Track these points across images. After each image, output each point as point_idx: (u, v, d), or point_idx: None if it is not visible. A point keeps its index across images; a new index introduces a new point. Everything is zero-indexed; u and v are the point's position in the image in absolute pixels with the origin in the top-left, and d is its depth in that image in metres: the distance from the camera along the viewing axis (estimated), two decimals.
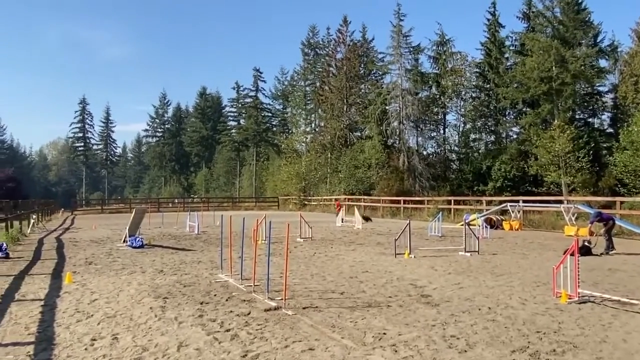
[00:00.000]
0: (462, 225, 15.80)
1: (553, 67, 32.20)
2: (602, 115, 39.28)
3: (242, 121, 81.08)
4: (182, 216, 26.39)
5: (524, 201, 23.10)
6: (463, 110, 44.35)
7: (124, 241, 14.55)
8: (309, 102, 61.19)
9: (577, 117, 37.66)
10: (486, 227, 17.61)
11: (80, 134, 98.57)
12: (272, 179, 59.93)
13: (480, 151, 43.23)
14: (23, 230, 19.97)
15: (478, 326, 5.65)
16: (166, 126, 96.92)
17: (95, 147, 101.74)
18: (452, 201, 29.23)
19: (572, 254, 7.00)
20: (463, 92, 43.96)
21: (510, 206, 22.38)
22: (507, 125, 41.71)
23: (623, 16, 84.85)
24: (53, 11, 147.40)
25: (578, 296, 6.95)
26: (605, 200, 23.01)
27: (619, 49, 36.80)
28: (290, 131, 68.68)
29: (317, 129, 60.08)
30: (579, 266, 7.10)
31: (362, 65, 51.88)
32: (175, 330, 5.52)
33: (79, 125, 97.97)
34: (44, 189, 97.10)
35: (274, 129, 78.01)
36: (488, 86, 41.85)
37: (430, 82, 43.84)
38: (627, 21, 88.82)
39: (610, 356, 4.66)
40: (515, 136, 41.40)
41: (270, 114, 79.90)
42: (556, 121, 31.59)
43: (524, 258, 11.78)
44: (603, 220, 13.01)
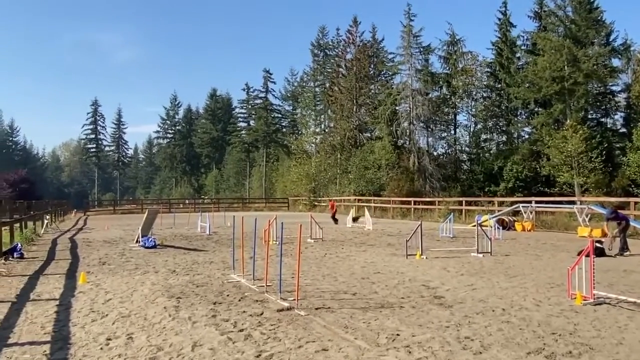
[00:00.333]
0: (474, 226, 15.73)
1: (565, 67, 31.91)
2: (615, 115, 38.88)
3: (252, 122, 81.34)
4: (194, 217, 26.54)
5: (537, 202, 22.87)
6: (474, 110, 44.12)
7: (137, 241, 14.66)
8: (319, 103, 61.24)
9: (590, 117, 37.30)
10: (498, 228, 17.49)
11: (92, 136, 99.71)
12: (282, 180, 60.06)
13: (491, 151, 42.97)
14: (37, 230, 20.24)
15: (492, 327, 5.61)
16: (177, 127, 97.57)
17: (107, 149, 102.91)
18: (463, 202, 29.11)
19: (587, 255, 6.93)
20: (474, 92, 43.76)
21: (522, 207, 22.21)
22: (519, 125, 41.37)
23: (636, 15, 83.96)
24: (67, 15, 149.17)
25: (593, 298, 6.87)
26: (619, 200, 22.70)
27: (632, 48, 36.45)
28: (300, 132, 68.77)
29: (327, 130, 60.09)
30: (594, 267, 7.02)
31: (372, 65, 51.80)
32: (189, 330, 5.55)
33: (91, 126, 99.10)
34: (57, 190, 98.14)
35: (284, 130, 78.18)
36: (499, 86, 41.58)
37: (440, 82, 43.66)
38: None
39: (627, 358, 4.61)
40: (527, 136, 41.10)
41: (280, 115, 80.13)
42: (568, 121, 31.31)
43: (538, 259, 11.68)
44: (618, 218, 12.82)
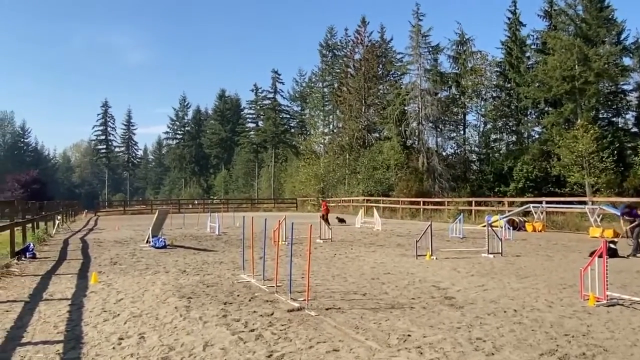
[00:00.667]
0: (484, 226, 15.64)
1: (576, 66, 31.64)
2: (627, 114, 38.56)
3: (261, 123, 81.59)
4: (203, 217, 26.64)
5: (547, 202, 22.70)
6: (483, 110, 43.88)
7: (147, 242, 14.75)
8: (327, 104, 61.25)
9: (601, 117, 36.99)
10: (509, 229, 17.38)
11: (102, 137, 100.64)
12: (291, 180, 60.14)
13: (501, 151, 42.72)
14: (48, 230, 20.42)
15: (504, 329, 5.57)
16: (186, 128, 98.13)
17: (117, 150, 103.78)
18: (473, 202, 28.94)
19: (600, 256, 6.86)
20: (483, 92, 43.53)
21: (533, 207, 22.04)
22: (529, 125, 41.11)
23: None
24: (78, 18, 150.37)
25: (606, 299, 6.80)
26: (630, 201, 22.41)
27: None
28: (308, 132, 68.84)
29: (335, 130, 60.09)
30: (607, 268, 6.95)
31: (381, 65, 51.73)
32: (200, 329, 5.57)
33: (102, 128, 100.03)
34: (68, 191, 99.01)
35: (292, 131, 78.31)
36: (509, 85, 41.35)
37: (449, 82, 43.49)
38: None
39: None
40: (537, 136, 40.86)
41: (288, 116, 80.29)
42: (579, 121, 31.05)
43: (549, 260, 11.58)
44: (631, 215, 12.55)
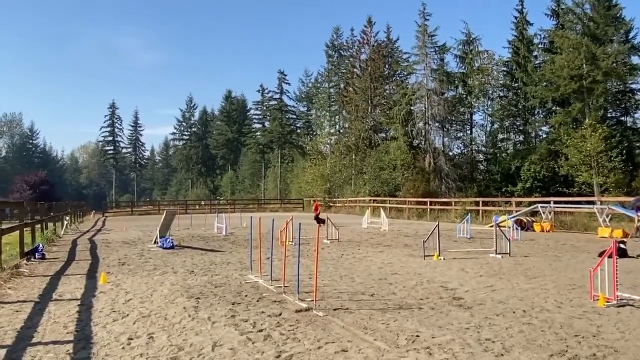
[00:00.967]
0: (492, 226, 15.57)
1: (583, 65, 31.44)
2: (635, 113, 38.21)
3: (267, 123, 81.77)
4: (210, 218, 26.73)
5: (555, 202, 22.57)
6: (490, 109, 43.71)
7: (155, 242, 14.81)
8: (333, 104, 61.24)
9: (609, 116, 36.71)
10: (517, 229, 17.29)
11: (110, 138, 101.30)
12: (297, 181, 60.23)
13: (508, 151, 42.52)
14: (57, 231, 20.57)
15: (513, 329, 5.55)
16: (193, 129, 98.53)
17: (124, 151, 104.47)
18: (480, 202, 28.82)
19: (610, 256, 6.81)
20: (490, 92, 43.33)
21: (541, 207, 21.92)
22: (537, 124, 40.89)
23: None
24: (86, 19, 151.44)
25: (616, 299, 6.75)
26: None
27: None
28: (314, 133, 68.91)
29: (342, 131, 60.09)
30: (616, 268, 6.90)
31: (387, 65, 51.63)
32: (209, 330, 5.58)
33: (109, 129, 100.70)
34: (76, 192, 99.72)
35: (299, 131, 78.40)
36: (516, 85, 41.15)
37: (456, 82, 43.36)
38: None
39: None
40: (544, 136, 40.60)
41: (294, 116, 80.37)
42: (587, 120, 30.86)
43: (557, 260, 11.51)
44: None
